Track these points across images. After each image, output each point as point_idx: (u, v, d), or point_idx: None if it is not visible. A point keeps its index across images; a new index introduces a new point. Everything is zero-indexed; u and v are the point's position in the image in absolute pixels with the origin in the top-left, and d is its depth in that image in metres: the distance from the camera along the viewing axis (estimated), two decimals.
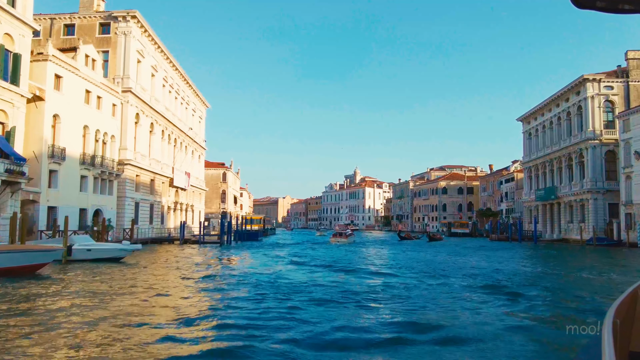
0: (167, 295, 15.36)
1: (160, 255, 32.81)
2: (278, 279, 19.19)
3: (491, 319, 11.97)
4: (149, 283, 18.00)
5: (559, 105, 63.74)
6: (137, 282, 18.26)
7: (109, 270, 21.63)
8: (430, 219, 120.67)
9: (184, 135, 61.46)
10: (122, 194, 42.20)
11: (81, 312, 12.13)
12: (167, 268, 23.43)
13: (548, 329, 11.22)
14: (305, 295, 15.22)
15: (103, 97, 39.06)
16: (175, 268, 23.41)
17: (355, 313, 12.57)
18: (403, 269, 25.38)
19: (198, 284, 18.17)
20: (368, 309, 13.20)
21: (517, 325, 11.38)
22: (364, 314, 12.53)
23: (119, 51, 43.62)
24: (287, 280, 19.03)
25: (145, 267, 23.38)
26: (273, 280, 18.74)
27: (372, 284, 18.55)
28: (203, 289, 16.91)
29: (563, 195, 60.78)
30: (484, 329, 10.90)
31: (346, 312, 12.65)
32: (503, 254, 38.29)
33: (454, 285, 18.16)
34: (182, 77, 60.85)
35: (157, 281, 18.67)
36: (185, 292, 16.08)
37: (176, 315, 12.08)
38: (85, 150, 36.90)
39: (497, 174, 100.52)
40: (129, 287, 16.88)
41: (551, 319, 12.40)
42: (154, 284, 17.67)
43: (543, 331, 10.93)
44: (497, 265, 27.28)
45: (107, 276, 19.75)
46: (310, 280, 18.91)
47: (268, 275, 21.02)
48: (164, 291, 15.97)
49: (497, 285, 18.17)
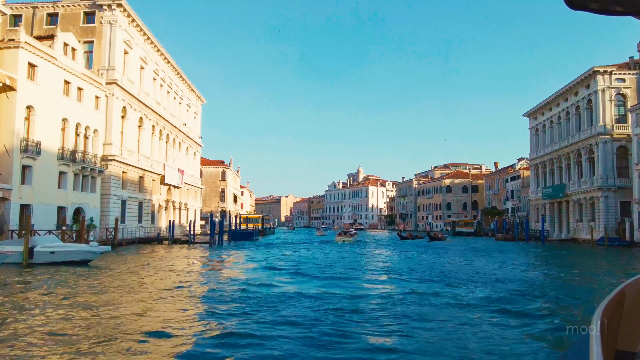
0: (117, 308, 13.12)
1: (140, 257, 30.63)
2: (252, 291, 16.49)
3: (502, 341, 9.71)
4: (101, 293, 15.76)
5: (568, 100, 61.14)
6: (91, 291, 16.05)
7: (67, 276, 19.34)
8: (434, 218, 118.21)
9: (177, 131, 59.29)
10: (107, 191, 40.04)
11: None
12: (134, 273, 21.05)
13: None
14: (272, 313, 12.75)
15: (85, 88, 36.90)
16: (144, 275, 20.84)
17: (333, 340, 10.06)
18: (393, 276, 23.03)
19: (155, 295, 15.81)
20: (348, 337, 10.60)
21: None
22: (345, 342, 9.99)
23: (104, 41, 41.47)
24: (261, 293, 16.41)
25: (111, 272, 21.02)
26: (245, 293, 16.10)
27: (361, 295, 16.20)
28: (159, 299, 14.65)
29: (572, 193, 58.21)
30: None
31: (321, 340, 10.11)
32: (511, 258, 35.77)
33: (457, 300, 15.76)
34: (175, 70, 58.68)
35: (113, 290, 16.40)
36: (136, 306, 13.69)
37: (104, 333, 9.86)
38: (65, 144, 34.76)
39: (503, 171, 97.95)
40: (75, 296, 14.69)
41: None
42: (106, 295, 15.42)
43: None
44: (510, 273, 24.42)
45: (59, 283, 17.54)
46: (287, 292, 16.21)
47: (243, 282, 18.69)
48: (113, 304, 13.70)
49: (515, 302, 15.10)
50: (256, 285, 17.58)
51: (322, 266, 25.87)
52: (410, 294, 15.74)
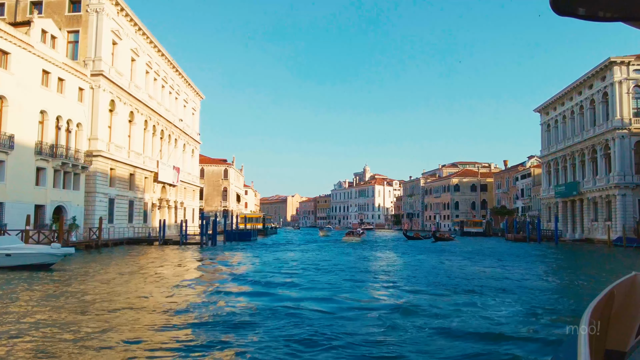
0: (48, 326, 10.73)
1: (121, 259, 28.28)
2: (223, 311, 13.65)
3: None
4: (36, 309, 13.37)
5: (582, 93, 58.18)
6: (27, 304, 13.69)
7: (13, 284, 16.98)
8: (442, 218, 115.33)
9: (172, 127, 57.03)
10: (92, 189, 37.81)
11: None
12: (94, 281, 18.36)
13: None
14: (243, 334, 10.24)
15: (66, 79, 34.67)
16: (101, 284, 17.83)
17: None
18: (393, 284, 20.49)
19: (106, 310, 13.37)
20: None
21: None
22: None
23: (90, 31, 39.25)
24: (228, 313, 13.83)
25: (67, 280, 18.37)
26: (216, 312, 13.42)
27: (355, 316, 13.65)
28: (109, 319, 12.22)
29: (586, 191, 55.26)
30: None
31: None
32: (528, 261, 33.08)
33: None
34: (170, 64, 56.43)
35: (51, 306, 14.00)
36: (85, 324, 11.25)
37: None
38: (44, 138, 32.55)
39: (513, 169, 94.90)
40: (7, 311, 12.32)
41: None
42: (48, 311, 13.03)
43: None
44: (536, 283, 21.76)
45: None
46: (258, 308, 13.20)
47: (200, 304, 16.17)
48: (45, 323, 11.29)
49: None
50: (215, 301, 14.35)
51: (315, 274, 22.58)
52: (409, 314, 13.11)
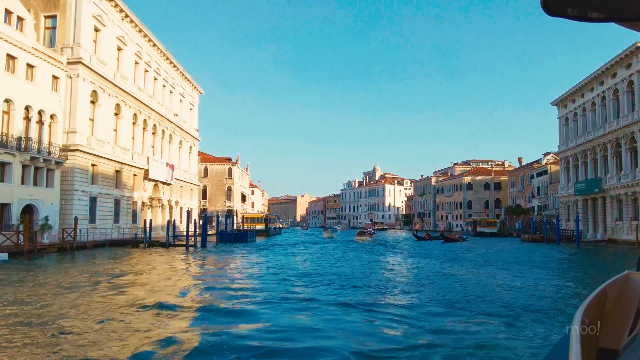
0: None
1: (84, 264, 25.15)
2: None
3: None
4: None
5: (604, 83, 54.03)
6: None
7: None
8: (454, 217, 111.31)
9: (166, 121, 53.98)
10: (69, 186, 34.80)
11: None
12: (23, 295, 15.27)
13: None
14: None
15: (37, 66, 31.67)
16: (41, 297, 15.03)
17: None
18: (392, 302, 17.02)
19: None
20: None
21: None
22: None
23: (68, 16, 36.26)
24: None
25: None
26: None
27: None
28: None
29: (609, 187, 51.16)
30: None
31: None
32: (556, 268, 29.35)
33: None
34: (164, 55, 53.36)
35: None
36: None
37: None
38: (9, 130, 29.58)
39: (528, 167, 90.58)
40: None
41: None
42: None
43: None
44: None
45: None
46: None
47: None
48: None
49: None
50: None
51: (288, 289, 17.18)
52: None
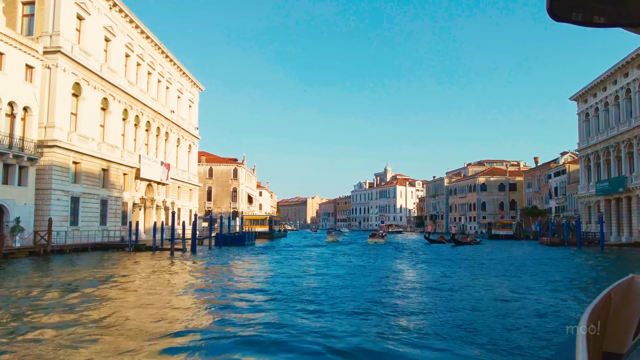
0: None
1: (40, 272, 22.45)
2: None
3: None
4: None
5: (628, 75, 50.28)
6: None
7: None
8: (467, 219, 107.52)
9: (162, 118, 51.33)
10: (46, 185, 32.18)
11: None
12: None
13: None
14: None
15: (7, 54, 29.11)
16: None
17: None
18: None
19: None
20: None
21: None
22: None
23: (47, 2, 33.72)
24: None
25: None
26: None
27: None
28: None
29: (635, 187, 47.39)
30: None
31: None
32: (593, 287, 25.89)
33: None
34: (159, 49, 50.74)
35: None
36: None
37: None
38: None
39: (545, 167, 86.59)
40: None
41: None
42: None
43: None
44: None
45: None
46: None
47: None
48: None
49: None
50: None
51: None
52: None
